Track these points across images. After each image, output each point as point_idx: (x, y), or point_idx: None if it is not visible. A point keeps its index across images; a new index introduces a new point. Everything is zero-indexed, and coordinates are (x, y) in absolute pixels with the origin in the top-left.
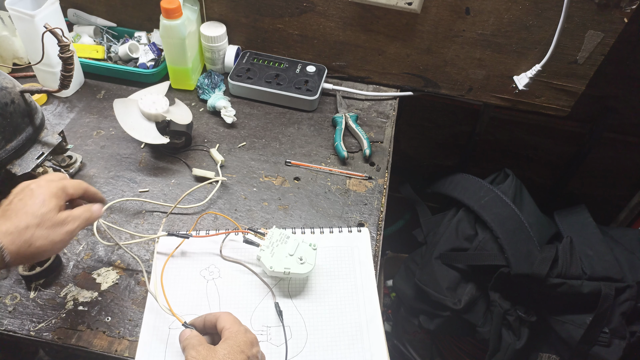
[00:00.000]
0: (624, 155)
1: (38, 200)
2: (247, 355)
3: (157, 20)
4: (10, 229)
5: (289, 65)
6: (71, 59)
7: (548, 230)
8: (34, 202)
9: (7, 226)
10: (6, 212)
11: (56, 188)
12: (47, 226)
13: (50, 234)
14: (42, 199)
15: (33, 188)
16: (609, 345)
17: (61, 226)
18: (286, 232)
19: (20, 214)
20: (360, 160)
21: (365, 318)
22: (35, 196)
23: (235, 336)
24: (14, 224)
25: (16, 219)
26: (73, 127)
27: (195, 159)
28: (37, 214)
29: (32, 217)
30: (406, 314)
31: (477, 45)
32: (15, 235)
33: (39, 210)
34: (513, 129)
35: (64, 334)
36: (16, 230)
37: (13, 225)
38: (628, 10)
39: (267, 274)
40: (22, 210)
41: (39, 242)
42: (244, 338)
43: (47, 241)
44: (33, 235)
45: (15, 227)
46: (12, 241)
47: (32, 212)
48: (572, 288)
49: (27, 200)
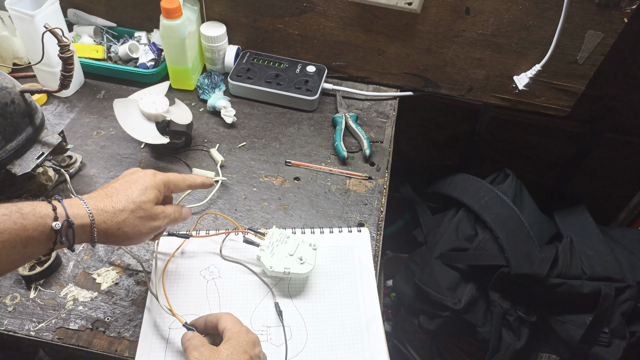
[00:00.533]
0: (624, 155)
1: (140, 187)
2: (250, 355)
3: (157, 20)
4: (107, 208)
5: (289, 65)
6: (71, 59)
7: (548, 230)
8: (137, 187)
9: (105, 204)
10: (110, 190)
11: (160, 181)
12: (140, 215)
13: (140, 224)
14: (144, 187)
15: (140, 175)
16: (609, 345)
17: (152, 220)
18: (286, 232)
19: (121, 195)
20: (360, 160)
21: (365, 318)
22: (139, 183)
23: (237, 336)
24: (112, 204)
25: (116, 199)
26: (73, 127)
27: (195, 159)
28: (137, 201)
29: (130, 202)
30: (406, 314)
31: (477, 45)
32: (109, 215)
33: (139, 197)
34: (513, 129)
35: (64, 334)
36: (112, 210)
37: (110, 204)
38: (628, 10)
39: (267, 274)
40: (123, 193)
41: (127, 228)
42: (246, 338)
43: (134, 230)
44: (125, 220)
45: (112, 207)
46: (104, 220)
47: (132, 197)
48: (572, 288)
49: (131, 184)
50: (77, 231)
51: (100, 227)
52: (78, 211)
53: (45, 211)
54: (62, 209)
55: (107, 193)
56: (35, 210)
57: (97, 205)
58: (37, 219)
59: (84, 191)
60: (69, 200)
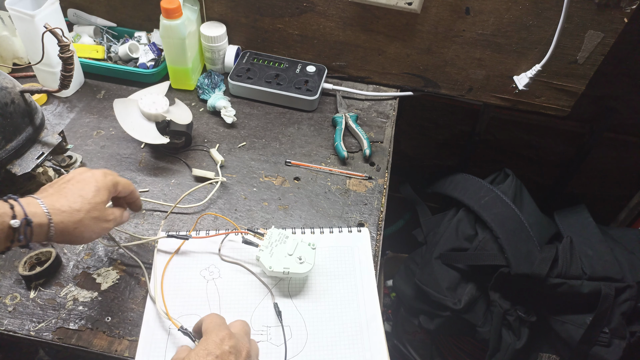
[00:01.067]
0: (624, 155)
1: (93, 188)
2: (215, 355)
3: (157, 20)
4: (64, 207)
5: (289, 65)
6: (71, 59)
7: (548, 230)
8: (90, 189)
9: (62, 203)
10: (63, 189)
11: (110, 183)
12: (95, 216)
13: (94, 224)
14: (97, 188)
15: (90, 176)
16: (609, 345)
17: (105, 221)
18: (285, 232)
19: (76, 196)
20: (360, 160)
21: (365, 318)
22: (92, 183)
23: (205, 340)
24: (68, 204)
25: (72, 199)
26: (73, 127)
27: (195, 159)
28: (92, 202)
29: (86, 203)
30: (406, 314)
31: (477, 45)
32: (66, 215)
33: (93, 198)
34: (513, 129)
35: (64, 334)
36: (69, 210)
37: (67, 204)
38: (628, 10)
39: (267, 274)
40: (78, 194)
41: (82, 228)
42: (214, 338)
43: (88, 230)
44: (82, 220)
45: (69, 207)
46: (62, 220)
47: (87, 198)
48: (572, 288)
49: (84, 184)
50: (35, 230)
51: (58, 226)
52: (36, 210)
53: (2, 209)
54: (20, 208)
55: (61, 193)
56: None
57: (53, 204)
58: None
59: None
60: (25, 199)
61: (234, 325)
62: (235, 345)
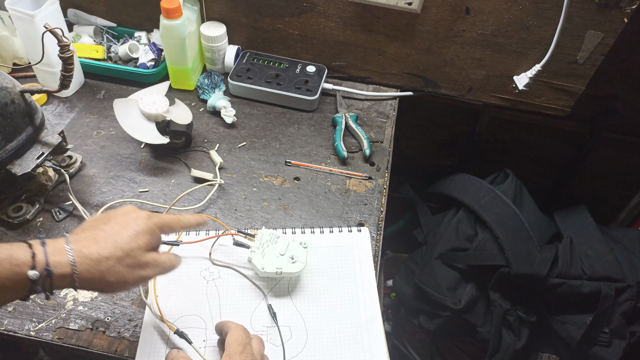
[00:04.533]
0: (624, 155)
1: (131, 232)
2: None
3: (157, 20)
4: (92, 254)
5: (289, 65)
6: (71, 59)
7: (548, 230)
8: (127, 232)
9: (91, 250)
10: (99, 232)
11: (154, 224)
12: (128, 264)
13: (126, 274)
14: (135, 232)
15: (132, 218)
16: (609, 345)
17: (141, 269)
18: (276, 232)
19: (108, 241)
20: (360, 160)
21: (365, 318)
22: (131, 227)
23: None
24: (97, 250)
25: (103, 245)
26: (73, 127)
27: (195, 159)
28: (125, 248)
29: (117, 249)
30: (406, 314)
31: (477, 45)
32: (93, 263)
33: (128, 244)
34: (513, 129)
35: (64, 334)
36: (97, 258)
37: (96, 250)
38: (628, 10)
39: (260, 276)
40: (112, 238)
41: (111, 277)
42: None
43: (119, 279)
44: (110, 269)
45: (98, 253)
46: (87, 269)
47: (120, 244)
48: (572, 288)
49: (121, 227)
50: (56, 281)
51: (83, 275)
52: (60, 259)
53: (23, 258)
54: (43, 255)
55: (94, 236)
56: (12, 257)
57: (82, 251)
58: (12, 267)
59: (83, 191)
60: (52, 243)
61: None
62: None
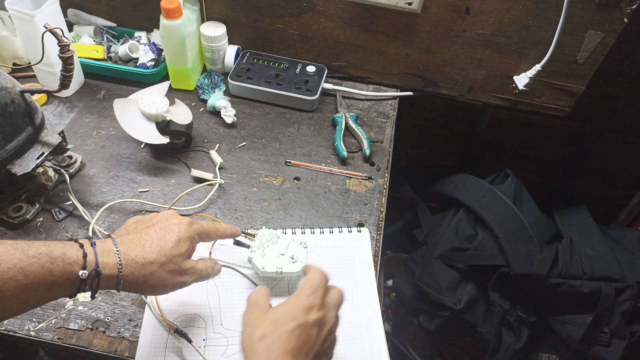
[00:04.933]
0: (624, 155)
1: (174, 238)
2: (296, 324)
3: (157, 20)
4: (138, 258)
5: (289, 65)
6: (71, 59)
7: (548, 230)
8: (170, 238)
9: (137, 253)
10: (144, 235)
11: (195, 232)
12: (170, 269)
13: (167, 279)
14: (177, 238)
15: (175, 224)
16: (609, 345)
17: (180, 275)
18: (276, 232)
19: (154, 246)
20: (360, 160)
21: (365, 318)
22: (174, 233)
23: (294, 299)
24: (143, 254)
25: (148, 249)
26: (73, 127)
27: (195, 159)
28: (168, 254)
29: (162, 255)
30: (406, 314)
31: (477, 45)
32: (138, 267)
33: (171, 250)
34: (513, 129)
35: (64, 334)
36: (142, 262)
37: (142, 254)
38: (628, 10)
39: (260, 275)
40: (157, 243)
41: (153, 282)
42: (302, 302)
43: (160, 283)
44: (153, 273)
45: (144, 257)
46: (132, 272)
47: (164, 249)
48: (572, 288)
49: (165, 233)
50: (102, 281)
51: (127, 278)
52: (108, 260)
53: (75, 257)
54: (93, 257)
55: (140, 240)
56: (65, 255)
57: (128, 254)
58: (65, 265)
59: (83, 191)
60: (101, 243)
61: (331, 293)
62: (321, 318)
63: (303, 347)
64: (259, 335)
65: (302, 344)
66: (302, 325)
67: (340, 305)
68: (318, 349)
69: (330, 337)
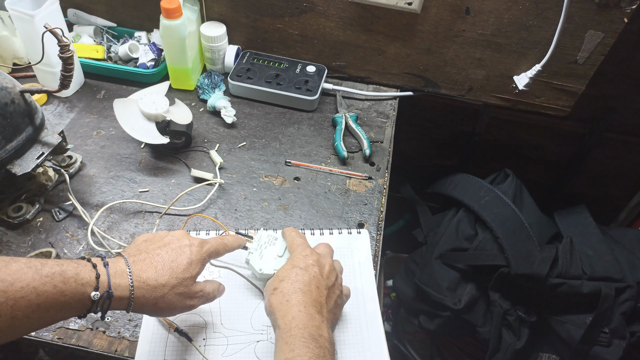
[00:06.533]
0: (624, 155)
1: (186, 261)
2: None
3: (157, 20)
4: (149, 280)
5: (289, 65)
6: (71, 59)
7: (548, 230)
8: (182, 261)
9: (149, 275)
10: (155, 256)
11: (206, 253)
12: (180, 292)
13: (177, 302)
14: (189, 261)
15: (186, 245)
16: (609, 345)
17: (189, 299)
18: (274, 234)
19: (165, 268)
20: (360, 160)
21: (365, 318)
22: (186, 255)
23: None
24: (155, 276)
25: (160, 272)
26: (73, 127)
27: (195, 159)
28: (180, 277)
29: (173, 278)
30: (406, 314)
31: (477, 45)
32: (150, 289)
33: (183, 273)
34: (513, 129)
35: (64, 334)
36: (154, 285)
37: (154, 277)
38: (628, 10)
39: (257, 277)
40: (169, 266)
41: (163, 304)
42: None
43: (169, 306)
44: (164, 296)
45: (155, 280)
46: (143, 294)
47: (176, 272)
48: (572, 288)
49: (177, 255)
50: (114, 303)
51: (138, 300)
52: (120, 281)
53: (87, 278)
54: (106, 278)
55: (152, 262)
56: (78, 276)
57: (140, 276)
58: (77, 286)
59: (83, 191)
60: (113, 263)
61: (318, 247)
62: (318, 260)
63: (310, 283)
64: (271, 290)
65: (308, 281)
66: (301, 268)
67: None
68: (325, 283)
69: (333, 275)
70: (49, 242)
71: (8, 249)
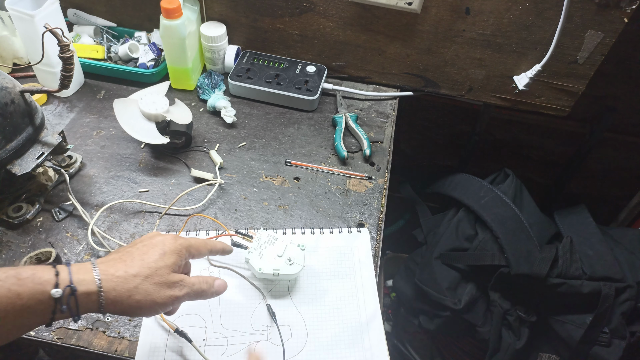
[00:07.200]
0: (624, 155)
1: (159, 251)
2: None
3: (157, 20)
4: (118, 272)
5: (289, 65)
6: (71, 59)
7: (548, 230)
8: (154, 252)
9: (117, 268)
10: (125, 254)
11: (181, 245)
12: (155, 282)
13: (154, 292)
14: (162, 252)
15: (159, 240)
16: (609, 345)
17: (169, 288)
18: (274, 234)
19: (135, 260)
20: (360, 160)
21: (365, 318)
22: (158, 247)
23: None
24: (124, 269)
25: (130, 264)
26: (73, 127)
27: (195, 159)
28: (152, 266)
29: (144, 267)
30: (406, 314)
31: (477, 45)
32: (120, 281)
33: (156, 262)
34: (513, 129)
35: (64, 334)
36: (124, 275)
37: (123, 268)
38: (628, 10)
39: (257, 277)
40: (139, 257)
41: (139, 296)
42: None
43: (147, 298)
44: (137, 287)
45: (125, 272)
46: (114, 287)
47: (147, 262)
48: (572, 288)
49: (149, 248)
50: (81, 299)
51: (109, 294)
52: (84, 276)
53: (46, 276)
54: (67, 274)
55: (121, 257)
56: (35, 276)
57: (107, 270)
58: (34, 286)
59: (83, 191)
60: (78, 264)
61: None
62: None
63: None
64: None
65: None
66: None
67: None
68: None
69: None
70: (49, 242)
71: (8, 249)
